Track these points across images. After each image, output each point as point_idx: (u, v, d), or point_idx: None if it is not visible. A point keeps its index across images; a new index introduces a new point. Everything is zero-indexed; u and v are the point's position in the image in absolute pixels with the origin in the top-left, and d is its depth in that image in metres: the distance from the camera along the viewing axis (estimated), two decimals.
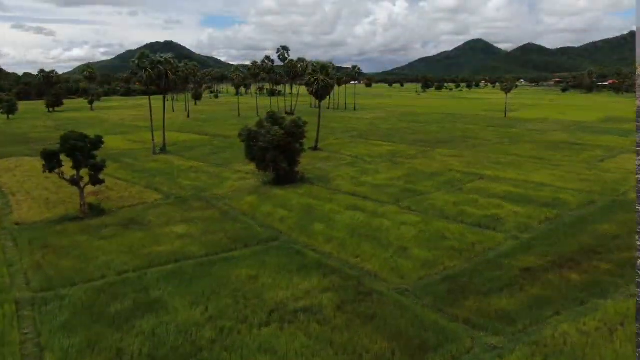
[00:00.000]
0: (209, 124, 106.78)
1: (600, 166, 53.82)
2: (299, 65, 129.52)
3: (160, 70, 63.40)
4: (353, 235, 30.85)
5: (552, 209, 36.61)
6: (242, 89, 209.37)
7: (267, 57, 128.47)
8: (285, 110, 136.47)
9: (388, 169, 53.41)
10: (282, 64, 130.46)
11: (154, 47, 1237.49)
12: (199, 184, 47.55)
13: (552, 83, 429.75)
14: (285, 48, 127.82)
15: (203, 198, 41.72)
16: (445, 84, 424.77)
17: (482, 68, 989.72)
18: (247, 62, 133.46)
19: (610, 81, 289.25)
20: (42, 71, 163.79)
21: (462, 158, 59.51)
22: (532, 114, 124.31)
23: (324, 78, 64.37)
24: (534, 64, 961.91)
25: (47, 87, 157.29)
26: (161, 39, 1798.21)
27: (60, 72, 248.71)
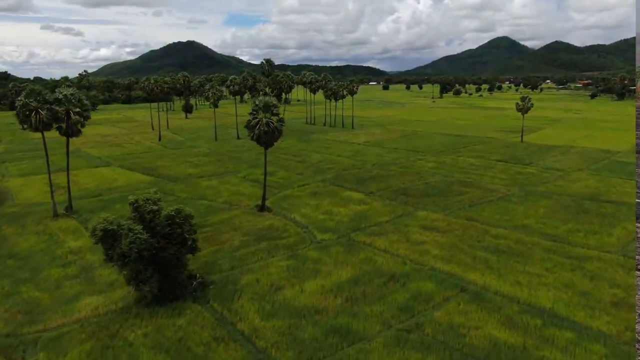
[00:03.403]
0: (173, 154, 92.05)
1: None
2: (284, 81, 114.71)
3: (57, 111, 49.13)
4: None
5: None
6: (247, 95, 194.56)
7: (249, 73, 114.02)
8: None
9: (335, 262, 37.76)
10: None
11: (176, 46, 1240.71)
12: (47, 296, 32.78)
13: (581, 85, 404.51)
14: (269, 62, 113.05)
15: (13, 346, 26.85)
16: (466, 86, 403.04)
17: (507, 66, 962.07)
18: None
19: None
20: (14, 85, 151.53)
21: (446, 235, 43.40)
22: (554, 136, 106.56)
23: (268, 120, 48.97)
24: (561, 62, 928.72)
25: None
26: (184, 38, 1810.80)
27: (88, 71, 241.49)
